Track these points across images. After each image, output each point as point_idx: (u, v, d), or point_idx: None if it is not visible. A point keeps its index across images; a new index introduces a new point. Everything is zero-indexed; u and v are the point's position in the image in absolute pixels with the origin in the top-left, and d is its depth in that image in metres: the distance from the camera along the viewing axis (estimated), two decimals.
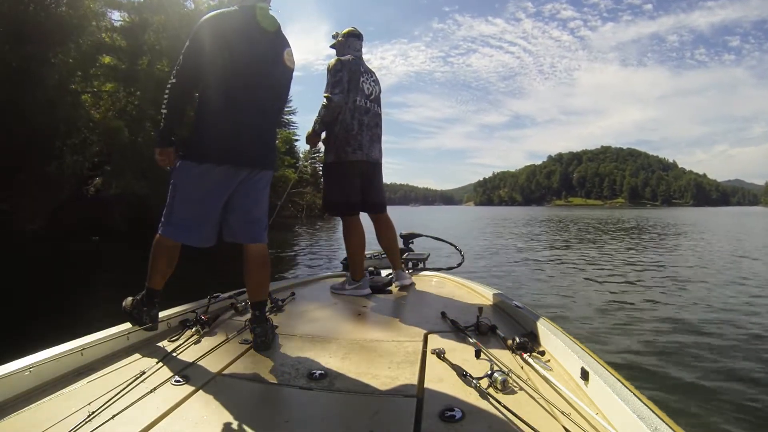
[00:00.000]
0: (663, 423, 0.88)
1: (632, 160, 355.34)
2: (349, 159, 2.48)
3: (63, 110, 9.86)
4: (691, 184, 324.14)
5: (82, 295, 5.62)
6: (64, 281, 6.65)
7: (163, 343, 1.61)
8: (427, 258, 3.46)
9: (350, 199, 2.54)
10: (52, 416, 1.06)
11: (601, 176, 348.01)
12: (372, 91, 2.59)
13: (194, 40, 1.57)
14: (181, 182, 1.63)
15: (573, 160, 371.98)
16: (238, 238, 1.71)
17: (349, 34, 2.61)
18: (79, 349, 1.37)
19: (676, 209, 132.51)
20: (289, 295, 2.37)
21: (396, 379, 1.31)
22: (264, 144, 1.72)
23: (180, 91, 1.58)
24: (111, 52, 12.22)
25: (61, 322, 3.88)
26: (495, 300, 2.20)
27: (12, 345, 1.67)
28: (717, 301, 5.15)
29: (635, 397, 1.00)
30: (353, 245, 2.57)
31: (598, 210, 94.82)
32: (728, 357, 3.26)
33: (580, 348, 1.34)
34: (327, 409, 1.16)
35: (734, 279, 6.48)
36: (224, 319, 1.97)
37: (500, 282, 6.64)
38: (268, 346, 1.59)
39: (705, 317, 4.42)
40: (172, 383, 1.27)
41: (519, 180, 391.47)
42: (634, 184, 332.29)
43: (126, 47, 12.41)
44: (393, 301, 2.40)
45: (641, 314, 4.63)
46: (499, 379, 1.20)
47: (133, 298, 1.67)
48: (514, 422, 1.02)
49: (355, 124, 2.48)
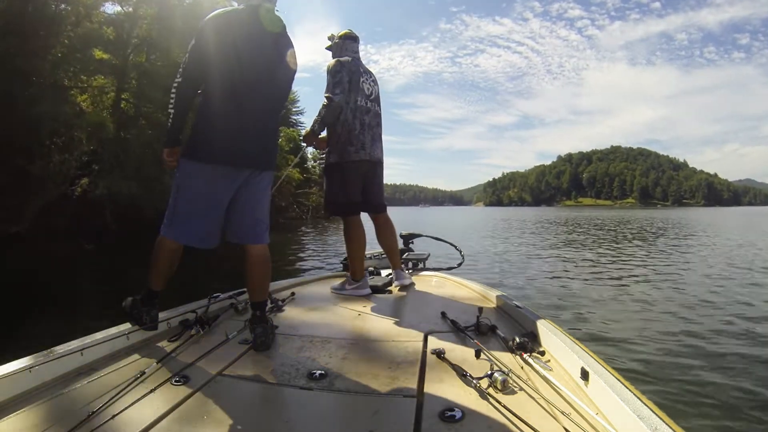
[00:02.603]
0: (663, 423, 0.89)
1: (642, 160, 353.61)
2: (352, 159, 2.53)
3: (47, 105, 9.60)
4: (703, 184, 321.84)
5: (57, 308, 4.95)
6: (41, 291, 6.07)
7: (163, 343, 1.64)
8: (427, 258, 3.49)
9: (352, 199, 2.59)
10: (52, 416, 1.08)
11: (611, 176, 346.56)
12: (372, 91, 2.65)
13: (200, 38, 1.60)
14: (184, 183, 1.65)
15: (583, 160, 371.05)
16: (241, 238, 1.74)
17: (346, 37, 2.66)
18: (79, 349, 1.39)
19: (688, 209, 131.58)
20: (289, 295, 2.40)
21: (396, 379, 1.33)
22: (266, 145, 1.76)
23: (187, 90, 1.61)
24: (100, 45, 12.07)
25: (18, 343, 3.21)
26: (495, 300, 2.22)
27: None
28: (720, 301, 5.18)
29: (635, 397, 1.01)
30: (354, 245, 2.61)
31: (609, 210, 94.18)
32: (729, 357, 3.29)
33: (580, 348, 1.35)
34: (327, 409, 1.18)
35: (740, 282, 6.43)
36: (224, 319, 2.00)
37: (500, 282, 6.67)
38: (268, 346, 1.61)
39: (706, 318, 4.45)
40: (172, 383, 1.28)
41: (528, 180, 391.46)
42: (645, 184, 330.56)
43: (115, 39, 12.30)
44: (393, 301, 2.43)
45: (642, 314, 4.66)
46: (499, 380, 1.21)
47: (133, 298, 1.70)
48: (514, 422, 1.03)
49: (357, 124, 2.53)
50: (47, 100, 9.68)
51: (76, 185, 11.04)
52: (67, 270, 7.93)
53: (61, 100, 10.51)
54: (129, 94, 12.88)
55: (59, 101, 10.27)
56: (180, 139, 1.67)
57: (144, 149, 11.88)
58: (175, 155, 1.68)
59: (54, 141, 10.44)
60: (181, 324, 1.80)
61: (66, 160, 10.44)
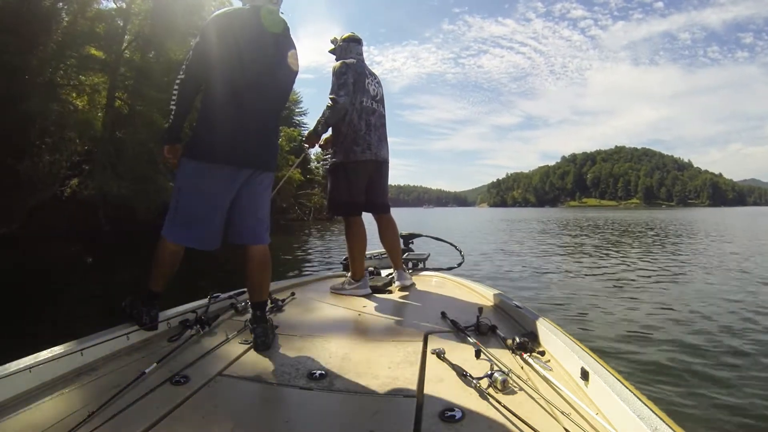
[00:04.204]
0: (663, 423, 0.90)
1: (647, 160, 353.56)
2: (358, 159, 2.57)
3: (35, 103, 9.46)
4: (707, 184, 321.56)
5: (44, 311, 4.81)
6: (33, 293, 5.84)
7: (163, 343, 1.65)
8: (427, 258, 3.51)
9: (355, 199, 2.62)
10: (52, 416, 1.09)
11: (616, 177, 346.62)
12: (377, 93, 2.69)
13: (203, 36, 1.62)
14: (186, 183, 1.67)
15: (587, 160, 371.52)
16: (241, 239, 1.76)
17: (350, 39, 2.69)
18: (79, 349, 1.40)
19: (693, 210, 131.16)
20: (289, 295, 2.41)
21: (396, 379, 1.34)
22: (268, 145, 1.77)
23: (189, 88, 1.63)
24: (92, 42, 11.90)
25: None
26: (495, 300, 2.24)
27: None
28: (721, 302, 5.18)
29: (635, 397, 1.02)
30: (355, 245, 2.63)
31: (613, 211, 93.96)
32: (729, 358, 3.30)
33: (580, 348, 1.36)
34: (327, 410, 1.19)
35: (744, 283, 6.41)
36: (224, 319, 2.01)
37: (500, 282, 6.68)
38: (268, 346, 1.63)
39: (707, 318, 4.46)
40: (172, 383, 1.30)
41: (533, 181, 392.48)
42: (649, 184, 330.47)
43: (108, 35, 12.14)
44: (393, 301, 2.44)
45: (642, 314, 4.67)
46: (499, 380, 1.22)
47: (132, 298, 1.72)
48: (514, 422, 1.05)
49: (363, 125, 2.57)
50: (37, 97, 9.56)
51: (66, 185, 10.92)
52: (58, 271, 7.82)
53: (51, 97, 10.38)
54: (123, 93, 12.73)
55: (48, 99, 10.14)
56: (181, 137, 1.68)
57: (138, 148, 11.79)
58: (176, 153, 1.70)
59: (45, 140, 10.31)
60: (181, 324, 1.81)
61: (56, 160, 10.35)
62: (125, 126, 12.27)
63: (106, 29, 12.38)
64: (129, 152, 11.50)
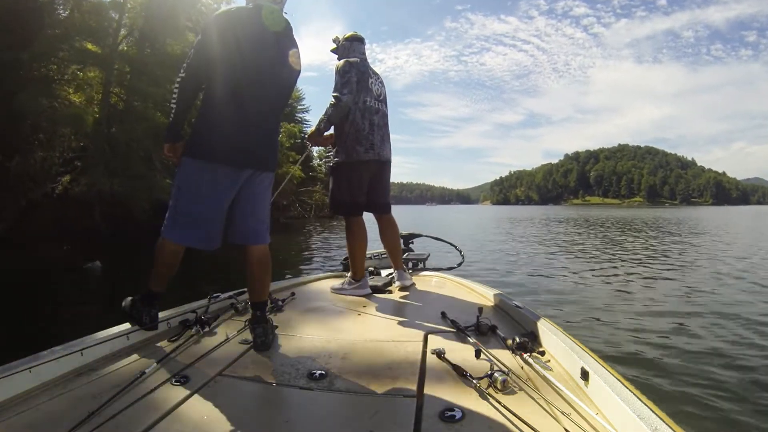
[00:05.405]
0: (663, 423, 0.91)
1: (650, 158, 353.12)
2: (361, 158, 2.57)
3: (26, 98, 9.29)
4: (711, 183, 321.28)
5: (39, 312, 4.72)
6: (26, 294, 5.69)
7: (163, 343, 1.67)
8: (427, 258, 3.51)
9: (357, 199, 2.63)
10: (52, 416, 1.11)
11: (619, 175, 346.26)
12: (380, 92, 2.70)
13: (205, 35, 1.63)
14: (186, 183, 1.67)
15: (590, 158, 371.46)
16: (241, 238, 1.77)
17: (353, 38, 2.69)
18: (79, 349, 1.41)
19: (697, 208, 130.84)
20: (289, 295, 2.42)
21: (396, 379, 1.35)
22: (268, 145, 1.78)
23: (190, 86, 1.64)
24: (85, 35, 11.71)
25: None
26: (495, 300, 2.25)
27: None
28: (722, 302, 5.20)
29: (635, 397, 1.03)
30: (355, 245, 2.64)
31: (616, 209, 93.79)
32: (730, 358, 3.32)
33: (580, 348, 1.37)
34: (327, 410, 1.20)
35: (743, 283, 6.42)
36: (224, 319, 2.03)
37: (501, 282, 6.69)
38: (268, 346, 1.64)
39: (708, 318, 4.48)
40: (172, 383, 1.31)
41: (536, 179, 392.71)
42: (653, 182, 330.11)
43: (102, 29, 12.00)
44: (393, 301, 2.46)
45: (642, 314, 4.69)
46: (499, 379, 1.23)
47: (133, 298, 1.72)
48: (514, 422, 1.06)
49: (366, 124, 2.57)
50: (28, 92, 9.42)
51: (58, 183, 10.71)
52: (51, 272, 7.65)
53: (43, 92, 10.22)
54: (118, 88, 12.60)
55: (40, 94, 9.98)
56: (182, 135, 1.69)
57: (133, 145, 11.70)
58: (176, 151, 1.70)
59: (37, 137, 10.15)
60: (181, 324, 1.83)
61: (49, 156, 10.19)
62: (120, 122, 12.17)
63: (101, 23, 12.19)
64: (123, 148, 11.38)
